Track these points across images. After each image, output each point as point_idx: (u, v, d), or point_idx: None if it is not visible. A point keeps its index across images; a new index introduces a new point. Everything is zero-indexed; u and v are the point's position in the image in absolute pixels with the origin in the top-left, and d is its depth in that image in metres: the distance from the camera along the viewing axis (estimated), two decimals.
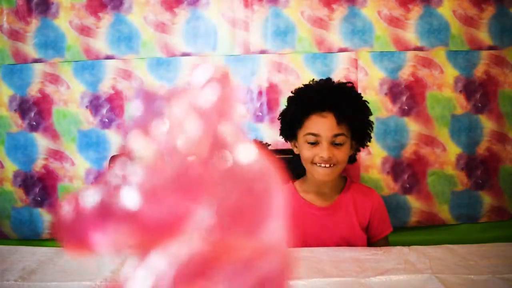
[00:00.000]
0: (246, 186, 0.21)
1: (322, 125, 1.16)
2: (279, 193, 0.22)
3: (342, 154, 1.17)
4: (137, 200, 0.20)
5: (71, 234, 0.20)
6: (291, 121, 1.23)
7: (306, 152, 1.19)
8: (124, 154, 0.22)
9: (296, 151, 1.26)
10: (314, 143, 1.17)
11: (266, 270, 0.21)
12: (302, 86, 1.26)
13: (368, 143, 1.27)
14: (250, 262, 0.21)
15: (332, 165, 1.17)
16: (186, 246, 0.20)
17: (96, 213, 0.20)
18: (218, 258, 0.20)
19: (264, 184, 0.21)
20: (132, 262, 0.21)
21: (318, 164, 1.17)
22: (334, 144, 1.17)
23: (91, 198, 0.20)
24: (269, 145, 1.58)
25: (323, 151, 1.15)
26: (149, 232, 0.20)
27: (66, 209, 0.21)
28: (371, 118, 1.26)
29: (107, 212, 0.20)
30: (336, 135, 1.16)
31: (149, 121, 0.21)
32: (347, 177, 1.32)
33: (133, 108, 0.22)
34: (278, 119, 1.30)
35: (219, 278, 0.20)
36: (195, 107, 0.21)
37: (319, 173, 1.17)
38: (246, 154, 0.21)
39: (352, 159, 1.26)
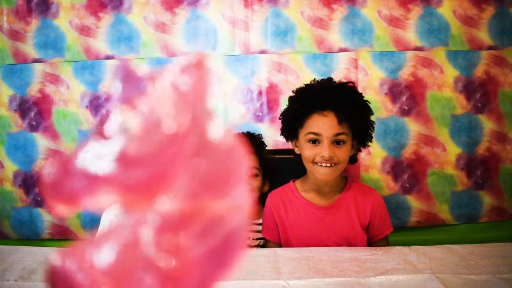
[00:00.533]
0: (217, 157, 0.26)
1: (323, 124, 1.16)
2: (243, 163, 0.26)
3: (343, 153, 1.17)
4: (119, 165, 0.23)
5: (57, 192, 0.23)
6: (292, 120, 1.23)
7: (307, 152, 1.19)
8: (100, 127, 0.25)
9: (297, 151, 1.26)
10: (315, 142, 1.17)
11: (233, 224, 0.26)
12: (304, 85, 1.26)
13: (369, 143, 1.27)
14: (220, 218, 0.26)
15: (333, 165, 1.16)
16: (168, 204, 0.24)
17: (82, 174, 0.23)
18: (194, 215, 0.25)
19: (231, 156, 0.26)
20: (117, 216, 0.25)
21: (319, 164, 1.17)
22: (335, 144, 1.17)
23: (78, 160, 0.23)
24: (261, 137, 1.59)
25: (324, 150, 1.15)
26: (133, 192, 0.23)
27: (52, 169, 0.23)
28: (372, 118, 1.26)
29: (92, 174, 0.23)
30: (337, 134, 1.16)
31: (132, 97, 0.25)
32: (348, 176, 1.32)
33: (115, 84, 0.25)
34: (279, 119, 1.30)
35: (195, 230, 0.25)
36: (175, 87, 0.25)
37: (320, 172, 1.17)
38: (216, 131, 0.26)
39: (353, 160, 1.26)
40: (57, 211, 0.23)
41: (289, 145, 1.33)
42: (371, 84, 1.88)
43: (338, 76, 1.83)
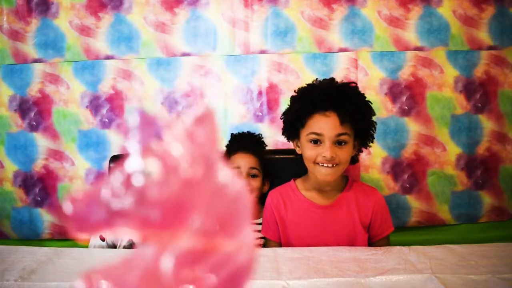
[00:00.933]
0: (227, 200, 0.29)
1: (325, 124, 1.16)
2: (249, 205, 0.30)
3: (344, 154, 1.17)
4: (139, 203, 0.26)
5: (79, 223, 0.25)
6: (294, 120, 1.23)
7: (308, 152, 1.18)
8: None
9: (298, 150, 1.26)
10: (317, 143, 1.17)
11: (241, 260, 0.30)
12: (306, 85, 1.26)
13: (371, 144, 1.27)
14: (230, 254, 0.30)
15: (334, 165, 1.16)
16: (186, 241, 0.27)
17: (104, 208, 0.26)
18: (208, 251, 0.29)
19: (239, 199, 0.30)
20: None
21: (320, 164, 1.17)
22: (337, 144, 1.17)
23: (101, 195, 0.26)
24: (261, 137, 1.60)
25: (326, 151, 1.15)
26: (152, 228, 0.26)
27: (76, 201, 0.26)
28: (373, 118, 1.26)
29: (113, 209, 0.26)
30: (339, 135, 1.16)
31: (150, 142, 0.27)
32: (349, 176, 1.32)
33: (133, 130, 0.28)
34: (281, 118, 1.29)
35: (209, 264, 0.29)
36: (189, 136, 0.28)
37: (321, 173, 1.17)
38: (226, 176, 0.29)
39: (355, 160, 1.26)
40: (78, 239, 0.26)
41: (289, 145, 1.33)
42: (371, 84, 1.88)
43: (338, 76, 1.82)
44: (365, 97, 1.23)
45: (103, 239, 1.39)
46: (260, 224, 1.38)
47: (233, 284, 0.29)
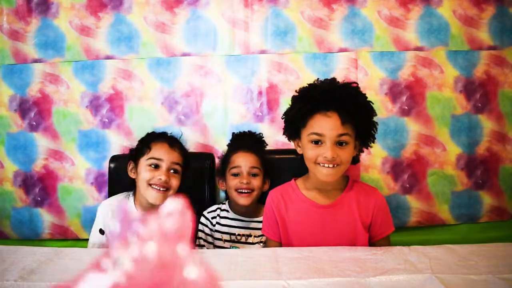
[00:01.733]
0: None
1: (326, 124, 1.16)
2: None
3: (346, 154, 1.17)
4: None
5: None
6: (295, 120, 1.22)
7: (309, 152, 1.18)
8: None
9: (299, 150, 1.26)
10: (318, 143, 1.17)
11: None
12: (307, 85, 1.25)
13: (372, 144, 1.26)
14: None
15: (335, 166, 1.16)
16: None
17: None
18: None
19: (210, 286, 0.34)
20: None
21: (321, 164, 1.17)
22: (338, 144, 1.16)
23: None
24: (262, 136, 1.62)
25: (327, 151, 1.15)
26: None
27: None
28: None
29: None
30: (340, 135, 1.16)
31: (128, 235, 0.31)
32: (349, 176, 1.32)
33: (114, 224, 0.32)
34: (282, 118, 1.29)
35: None
36: (163, 229, 0.32)
37: (322, 173, 1.17)
38: (194, 271, 0.33)
39: (356, 160, 1.26)
40: None
41: (289, 145, 1.33)
42: (371, 84, 1.88)
43: (338, 76, 1.81)
44: (366, 98, 1.23)
45: (102, 232, 1.41)
46: (260, 222, 1.38)
47: None
